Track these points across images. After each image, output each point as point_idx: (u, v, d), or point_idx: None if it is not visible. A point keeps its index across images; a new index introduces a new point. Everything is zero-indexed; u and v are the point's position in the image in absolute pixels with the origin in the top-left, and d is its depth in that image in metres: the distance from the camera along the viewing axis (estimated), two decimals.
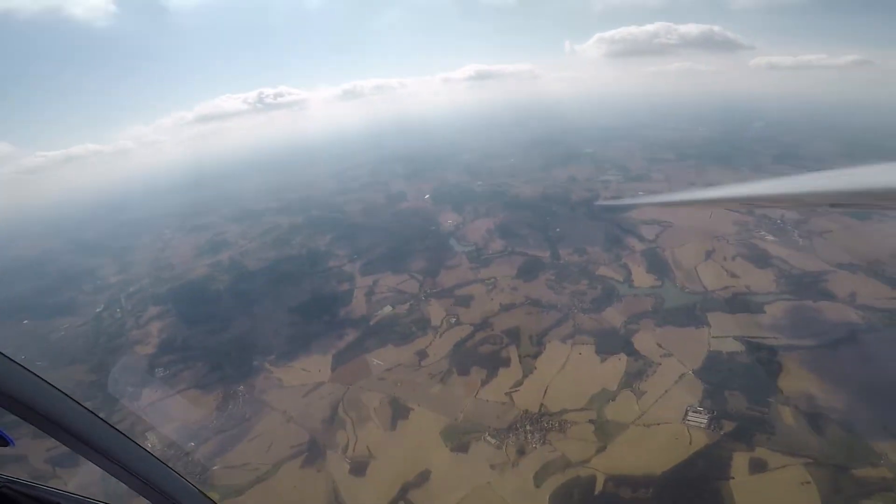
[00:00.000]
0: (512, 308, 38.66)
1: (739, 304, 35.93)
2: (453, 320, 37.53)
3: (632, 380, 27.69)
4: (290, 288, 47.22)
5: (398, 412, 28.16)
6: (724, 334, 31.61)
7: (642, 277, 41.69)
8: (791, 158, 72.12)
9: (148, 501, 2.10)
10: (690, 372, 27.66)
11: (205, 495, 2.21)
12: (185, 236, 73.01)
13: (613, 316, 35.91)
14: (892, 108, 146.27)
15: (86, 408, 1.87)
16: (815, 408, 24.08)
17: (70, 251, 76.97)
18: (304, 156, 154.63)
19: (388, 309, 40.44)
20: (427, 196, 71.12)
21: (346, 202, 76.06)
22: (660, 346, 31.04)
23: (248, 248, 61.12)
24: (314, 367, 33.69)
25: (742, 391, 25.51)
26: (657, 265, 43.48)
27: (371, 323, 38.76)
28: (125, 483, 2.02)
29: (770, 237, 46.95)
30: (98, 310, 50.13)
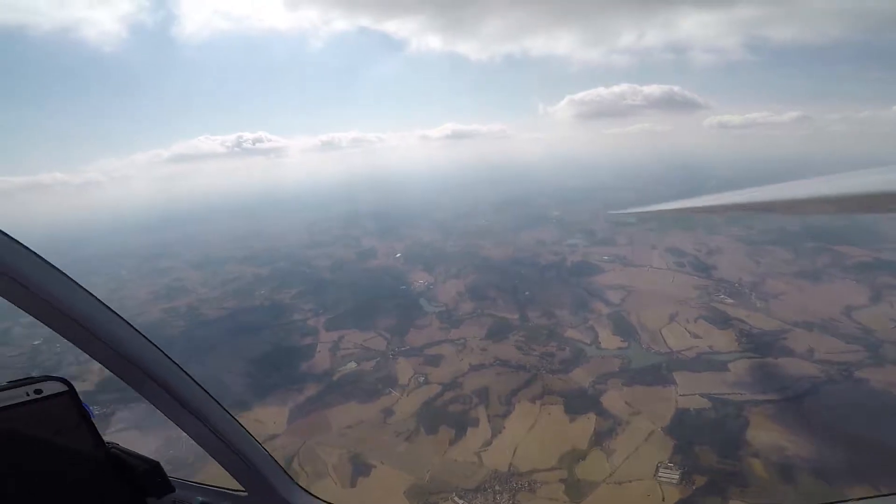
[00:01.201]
0: (481, 368, 38.13)
1: (704, 363, 36.62)
2: (422, 379, 36.51)
3: (601, 438, 27.16)
4: (249, 339, 45.17)
5: (359, 469, 26.64)
6: (690, 392, 31.85)
7: (609, 339, 42.09)
8: (743, 220, 76.01)
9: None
10: (659, 429, 27.45)
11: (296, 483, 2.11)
12: (143, 278, 70.38)
13: (581, 376, 35.80)
14: (828, 162, 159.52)
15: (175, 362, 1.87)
16: (786, 458, 24.16)
17: None
18: (276, 205, 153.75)
19: (352, 365, 39.11)
20: (398, 255, 71.19)
21: (315, 256, 75.19)
22: (628, 404, 30.90)
23: (207, 296, 58.93)
24: (269, 419, 31.79)
25: (711, 446, 25.43)
26: (623, 328, 44.12)
27: (334, 378, 37.21)
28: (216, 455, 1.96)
29: (729, 300, 48.71)
30: (35, 342, 46.64)
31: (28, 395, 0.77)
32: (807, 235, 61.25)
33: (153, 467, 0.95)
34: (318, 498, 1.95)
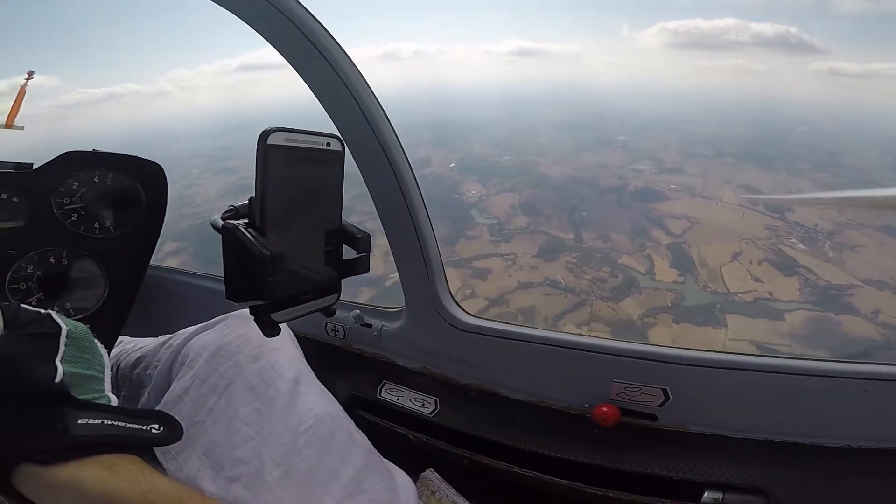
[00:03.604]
0: (529, 287, 38.26)
1: (760, 309, 35.24)
2: (468, 292, 37.00)
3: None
4: None
5: None
6: (740, 337, 31.14)
7: (665, 271, 40.86)
8: (832, 167, 69.91)
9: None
10: None
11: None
12: (212, 177, 73.71)
13: (631, 307, 35.41)
14: None
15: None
16: None
17: None
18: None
19: None
20: (452, 165, 70.16)
21: None
22: (674, 342, 30.55)
23: None
24: None
25: None
26: (681, 261, 42.59)
27: (386, 284, 38.52)
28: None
29: (800, 245, 45.67)
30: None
31: (321, 145, 0.84)
32: None
33: (365, 237, 0.97)
34: (472, 314, 1.94)
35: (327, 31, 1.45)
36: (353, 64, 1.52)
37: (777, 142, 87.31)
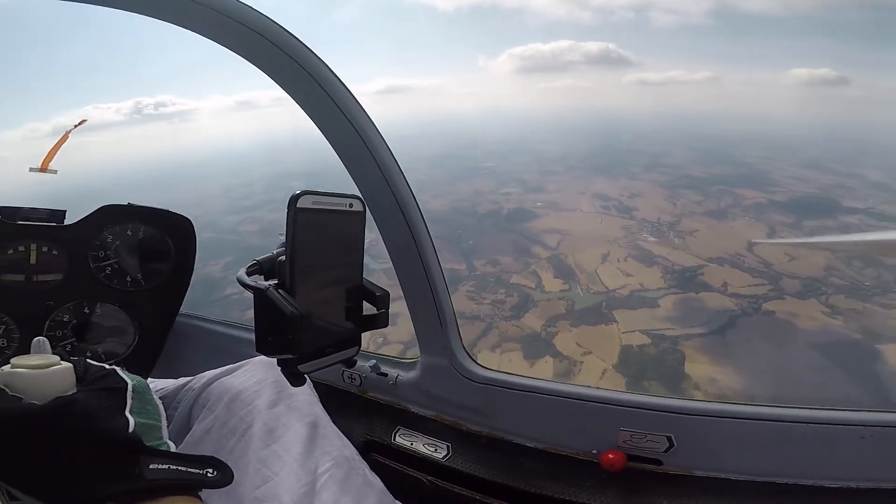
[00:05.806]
0: None
1: (637, 300, 39.88)
2: (381, 340, 36.02)
3: (562, 380, 29.13)
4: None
5: None
6: (631, 329, 34.82)
7: (552, 283, 44.38)
8: (658, 167, 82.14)
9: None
10: (611, 367, 30.16)
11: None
12: None
13: (532, 321, 37.67)
14: (736, 118, 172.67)
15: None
16: (721, 389, 26.37)
17: None
18: (188, 172, 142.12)
19: None
20: None
21: (239, 222, 70.39)
22: (579, 345, 33.22)
23: None
24: None
25: (658, 380, 28.33)
26: (563, 270, 46.62)
27: None
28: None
29: (651, 238, 52.85)
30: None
31: (344, 207, 0.91)
32: (713, 180, 67.51)
33: (385, 294, 1.02)
34: (484, 366, 2.02)
35: (350, 92, 1.54)
36: (373, 124, 1.61)
37: (609, 151, 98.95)
